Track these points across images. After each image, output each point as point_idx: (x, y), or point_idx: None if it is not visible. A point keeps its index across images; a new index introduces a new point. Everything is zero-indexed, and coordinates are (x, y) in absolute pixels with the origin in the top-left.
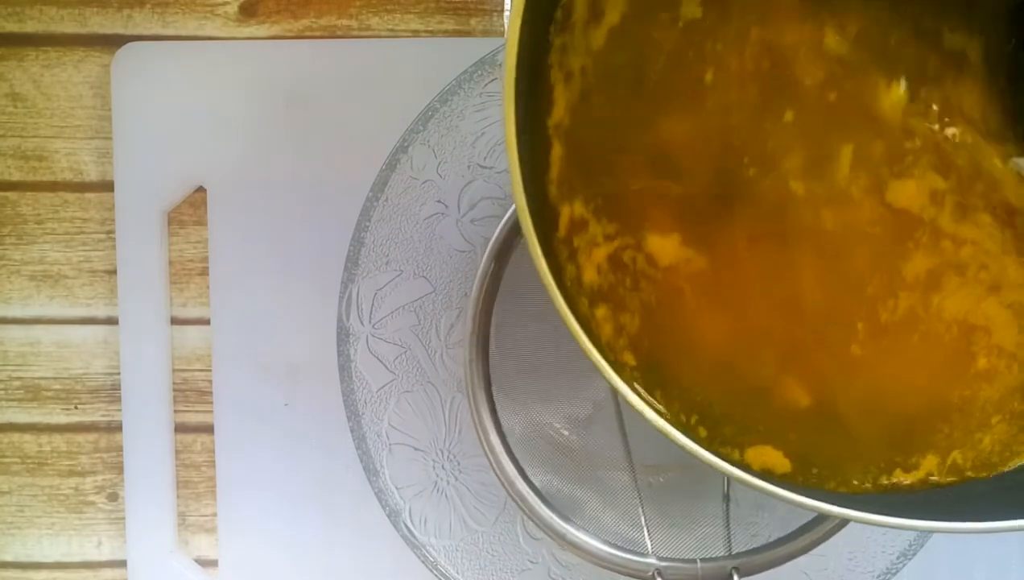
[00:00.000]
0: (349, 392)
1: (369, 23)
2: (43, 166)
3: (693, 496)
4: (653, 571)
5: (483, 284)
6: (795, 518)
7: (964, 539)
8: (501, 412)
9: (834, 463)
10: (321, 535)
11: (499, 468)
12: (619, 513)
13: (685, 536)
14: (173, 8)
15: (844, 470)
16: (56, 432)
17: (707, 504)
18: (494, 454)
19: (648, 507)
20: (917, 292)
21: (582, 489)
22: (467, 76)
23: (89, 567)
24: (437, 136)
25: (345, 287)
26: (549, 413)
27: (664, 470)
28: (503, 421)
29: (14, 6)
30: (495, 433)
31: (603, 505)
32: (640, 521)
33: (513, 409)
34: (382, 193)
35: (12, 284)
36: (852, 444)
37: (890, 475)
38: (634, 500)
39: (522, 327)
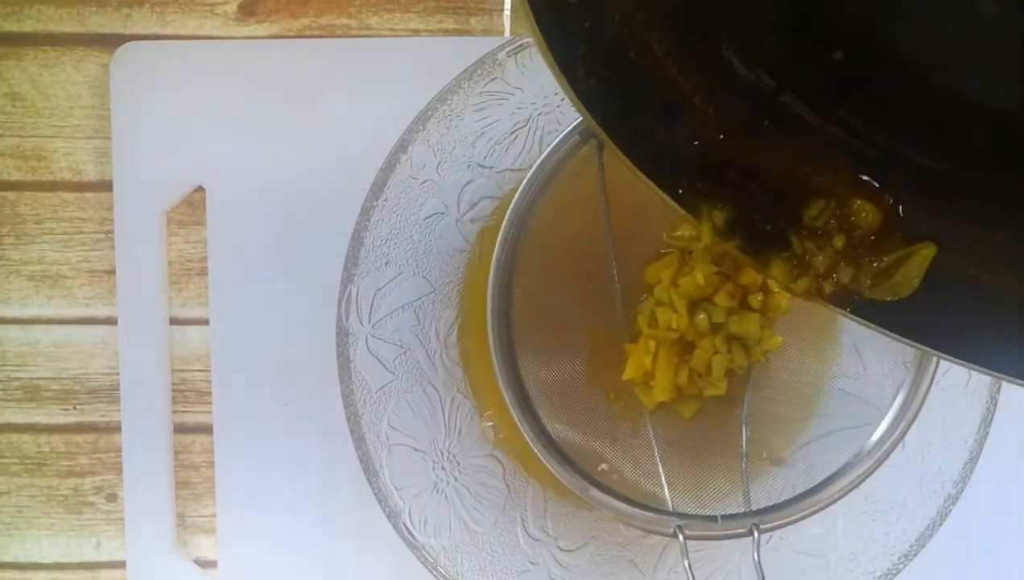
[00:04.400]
0: (348, 392)
1: (369, 22)
2: (42, 166)
3: (711, 451)
4: (675, 527)
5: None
6: (815, 472)
7: (964, 540)
8: (523, 367)
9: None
10: (320, 536)
11: (521, 422)
12: (638, 470)
13: (704, 493)
14: (172, 8)
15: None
16: (55, 432)
17: (725, 459)
18: (517, 409)
19: (667, 464)
20: None
21: (602, 445)
22: (467, 76)
23: (88, 568)
24: (437, 135)
25: (344, 287)
26: (571, 370)
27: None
28: (525, 376)
29: (13, 5)
30: (516, 389)
31: (622, 462)
32: (660, 479)
33: (535, 365)
34: (382, 193)
35: (11, 284)
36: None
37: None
38: (653, 457)
39: (544, 282)
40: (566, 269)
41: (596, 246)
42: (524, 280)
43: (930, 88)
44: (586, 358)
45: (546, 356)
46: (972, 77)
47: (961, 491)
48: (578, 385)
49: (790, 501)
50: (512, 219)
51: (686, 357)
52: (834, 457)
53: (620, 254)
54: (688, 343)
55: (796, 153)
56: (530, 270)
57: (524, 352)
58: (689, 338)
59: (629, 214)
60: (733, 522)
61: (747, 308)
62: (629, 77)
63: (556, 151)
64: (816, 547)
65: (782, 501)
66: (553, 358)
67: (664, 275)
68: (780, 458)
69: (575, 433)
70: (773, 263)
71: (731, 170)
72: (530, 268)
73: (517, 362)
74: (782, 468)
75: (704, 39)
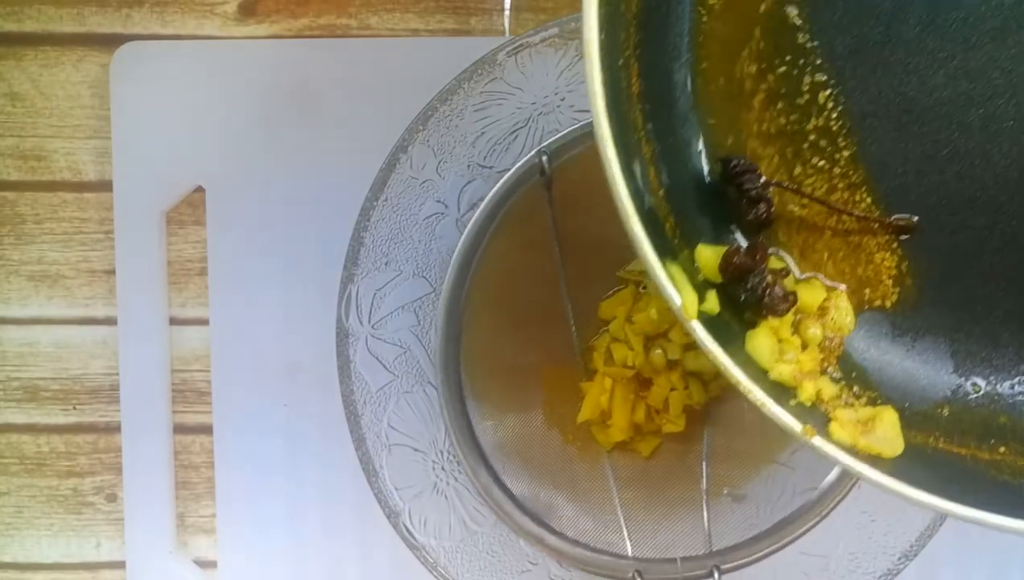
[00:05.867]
0: (348, 393)
1: (369, 22)
2: (42, 166)
3: (671, 492)
4: (633, 572)
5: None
6: (775, 510)
7: (964, 540)
8: (474, 419)
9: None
10: (320, 536)
11: (474, 475)
12: (597, 513)
13: (664, 534)
14: (172, 7)
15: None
16: (55, 433)
17: (686, 497)
18: (468, 462)
19: (626, 505)
20: None
21: (559, 489)
22: (467, 75)
23: (88, 568)
24: (437, 135)
25: (344, 287)
26: (525, 412)
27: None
28: (476, 428)
29: (13, 5)
30: (469, 440)
31: (580, 507)
32: (619, 521)
33: (487, 409)
34: (382, 193)
35: (11, 284)
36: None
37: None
38: (612, 500)
39: (495, 333)
40: (518, 309)
41: (548, 285)
42: (474, 322)
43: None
44: (541, 399)
45: (498, 399)
46: None
47: None
48: (533, 427)
49: (752, 540)
50: (459, 261)
51: (643, 394)
52: (797, 492)
53: (574, 291)
54: (645, 380)
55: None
56: (480, 311)
57: (475, 396)
58: (646, 375)
59: (581, 251)
60: (693, 563)
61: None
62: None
63: (501, 192)
64: (816, 547)
65: (743, 540)
66: (506, 400)
67: (619, 311)
68: (741, 494)
69: (530, 477)
70: (759, 333)
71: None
72: (480, 309)
73: (466, 407)
74: (744, 504)
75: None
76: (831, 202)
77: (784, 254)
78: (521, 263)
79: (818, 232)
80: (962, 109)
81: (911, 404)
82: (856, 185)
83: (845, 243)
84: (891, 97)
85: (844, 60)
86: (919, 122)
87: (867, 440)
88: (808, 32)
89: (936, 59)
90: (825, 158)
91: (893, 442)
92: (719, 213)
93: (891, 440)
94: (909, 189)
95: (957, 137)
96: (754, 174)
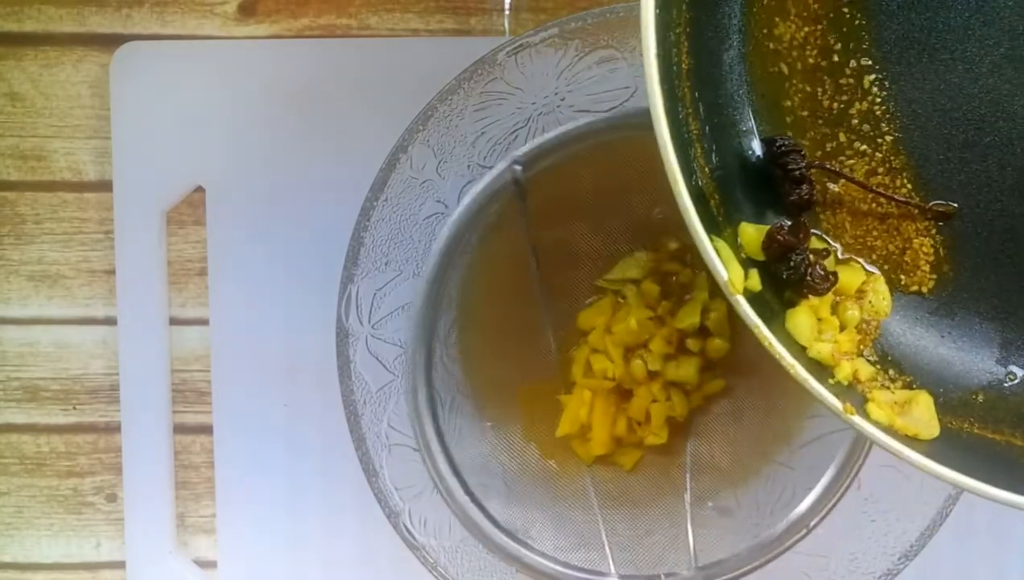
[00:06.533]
0: (348, 393)
1: (368, 22)
2: (41, 166)
3: (654, 506)
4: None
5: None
6: (763, 521)
7: (964, 540)
8: (449, 435)
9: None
10: (320, 536)
11: (450, 497)
12: (578, 529)
13: (647, 550)
14: (172, 7)
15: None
16: (55, 433)
17: (670, 511)
18: (443, 484)
19: (608, 520)
20: None
21: (538, 509)
22: (467, 75)
23: (88, 568)
24: (437, 136)
25: (344, 287)
26: (504, 425)
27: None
28: (451, 444)
29: (13, 5)
30: (444, 462)
31: (560, 524)
32: (600, 538)
33: (462, 432)
34: (382, 193)
35: (10, 284)
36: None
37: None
38: (593, 515)
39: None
40: (494, 321)
41: (526, 296)
42: (448, 335)
43: None
44: (519, 412)
45: (474, 414)
46: None
47: (961, 491)
48: (511, 442)
49: (737, 555)
50: (434, 274)
51: (624, 406)
52: (783, 504)
53: (552, 301)
54: (625, 391)
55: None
56: (454, 325)
57: (450, 411)
58: (626, 386)
59: (560, 261)
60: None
61: (685, 352)
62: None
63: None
64: (816, 547)
65: (728, 557)
66: (483, 415)
67: (598, 322)
68: (726, 507)
69: (508, 493)
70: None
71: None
72: (454, 323)
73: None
74: (729, 518)
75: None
76: (872, 186)
77: (824, 235)
78: (497, 274)
79: (858, 216)
80: (1007, 97)
81: (945, 390)
82: (897, 170)
83: (884, 227)
84: (936, 84)
85: (891, 45)
86: (963, 109)
87: (903, 421)
88: (858, 16)
89: (983, 47)
90: (868, 142)
91: (929, 424)
92: (761, 194)
93: (927, 422)
94: (950, 176)
95: (1001, 125)
96: (798, 155)
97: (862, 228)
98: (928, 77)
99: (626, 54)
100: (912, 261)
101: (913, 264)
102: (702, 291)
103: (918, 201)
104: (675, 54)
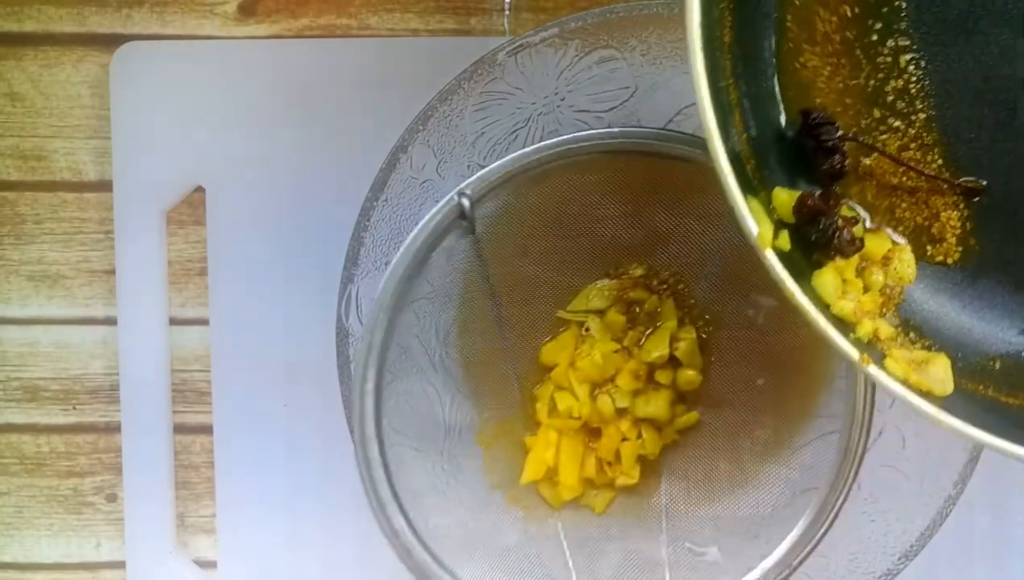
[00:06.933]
0: (348, 392)
1: (368, 22)
2: (41, 166)
3: (629, 547)
4: None
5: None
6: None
7: (964, 540)
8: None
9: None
10: (320, 536)
11: (406, 554)
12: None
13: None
14: (172, 7)
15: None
16: (55, 433)
17: (645, 559)
18: (396, 541)
19: (580, 570)
20: None
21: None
22: (467, 75)
23: (88, 568)
24: (437, 136)
25: (344, 287)
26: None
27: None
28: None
29: (13, 5)
30: (397, 513)
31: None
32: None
33: (417, 487)
34: (382, 193)
35: (10, 284)
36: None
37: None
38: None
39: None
40: (450, 360)
41: (485, 332)
42: (399, 378)
43: None
44: (479, 456)
45: (429, 465)
46: None
47: (961, 491)
48: (473, 490)
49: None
50: (379, 318)
51: (592, 445)
52: (765, 544)
53: (513, 337)
54: (594, 430)
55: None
56: (406, 366)
57: (403, 464)
58: (594, 424)
59: (518, 291)
60: None
61: (655, 385)
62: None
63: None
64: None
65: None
66: (439, 465)
67: (561, 357)
68: (705, 550)
69: (471, 547)
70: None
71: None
72: (406, 363)
73: (391, 475)
74: (707, 560)
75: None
76: (904, 160)
77: (855, 205)
78: (452, 310)
79: (887, 188)
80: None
81: (964, 355)
82: (928, 147)
83: (913, 200)
84: (971, 65)
85: (929, 26)
86: (996, 91)
87: (919, 377)
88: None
89: (1019, 31)
90: (901, 119)
91: (944, 382)
92: (794, 165)
93: (942, 381)
94: (980, 154)
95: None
96: (832, 127)
97: (891, 200)
98: (964, 58)
99: (626, 54)
100: (939, 233)
101: (939, 236)
102: (670, 319)
103: (948, 176)
104: (718, 27)
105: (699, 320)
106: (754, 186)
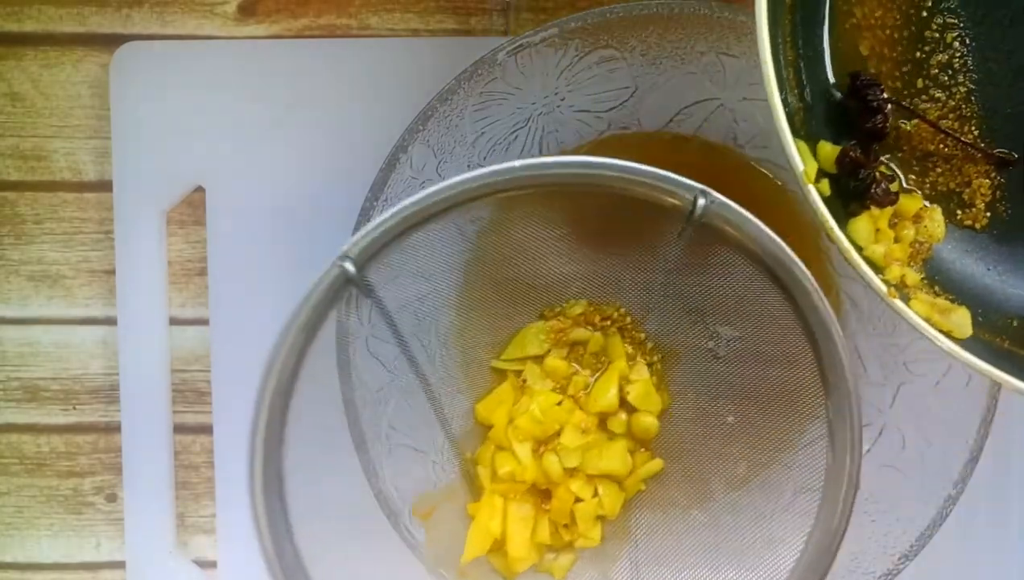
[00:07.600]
0: (348, 393)
1: (369, 22)
2: (41, 166)
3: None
4: None
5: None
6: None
7: (964, 540)
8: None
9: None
10: (320, 536)
11: None
12: None
13: None
14: (172, 8)
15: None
16: (55, 433)
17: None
18: None
19: None
20: None
21: None
22: (467, 76)
23: (88, 568)
24: (437, 135)
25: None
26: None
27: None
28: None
29: (13, 5)
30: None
31: None
32: None
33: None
34: (382, 193)
35: (10, 284)
36: None
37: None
38: None
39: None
40: (370, 430)
41: (410, 394)
42: (306, 459)
43: None
44: (423, 531)
45: (358, 550)
46: None
47: (961, 491)
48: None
49: None
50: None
51: (545, 506)
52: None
53: (443, 397)
54: (544, 490)
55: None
56: (314, 445)
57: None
58: (542, 486)
59: (440, 346)
60: None
61: (609, 434)
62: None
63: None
64: None
65: None
66: (370, 550)
67: (498, 414)
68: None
69: None
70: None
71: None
72: (314, 442)
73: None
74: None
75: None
76: (943, 127)
77: (892, 165)
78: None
79: (924, 153)
80: None
81: (984, 312)
82: (966, 118)
83: (947, 166)
84: (1014, 46)
85: (976, 7)
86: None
87: (940, 318)
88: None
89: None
90: (943, 90)
91: (963, 327)
92: (839, 126)
93: (962, 326)
94: (1015, 128)
95: None
96: (878, 88)
97: (927, 164)
98: (1008, 39)
99: (626, 54)
100: (969, 199)
101: (970, 201)
102: (619, 359)
103: (983, 146)
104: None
105: (652, 356)
106: (802, 136)
